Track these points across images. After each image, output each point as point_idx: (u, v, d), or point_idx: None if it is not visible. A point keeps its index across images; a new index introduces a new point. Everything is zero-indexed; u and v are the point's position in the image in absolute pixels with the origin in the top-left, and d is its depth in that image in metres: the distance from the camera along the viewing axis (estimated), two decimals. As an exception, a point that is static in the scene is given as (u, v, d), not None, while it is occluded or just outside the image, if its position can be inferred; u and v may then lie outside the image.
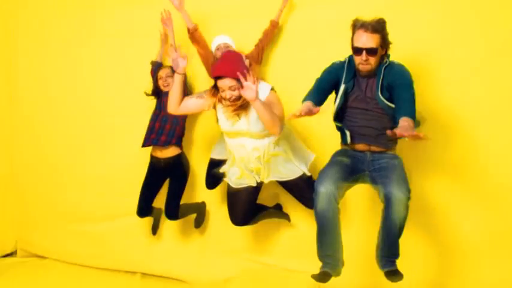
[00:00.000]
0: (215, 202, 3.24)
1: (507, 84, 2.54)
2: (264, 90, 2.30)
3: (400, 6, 2.69)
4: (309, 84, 2.29)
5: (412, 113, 1.92)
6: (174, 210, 2.90)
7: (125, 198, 3.31)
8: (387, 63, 2.14)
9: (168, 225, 3.42)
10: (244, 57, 2.68)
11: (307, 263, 2.80)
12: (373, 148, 2.25)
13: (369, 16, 2.07)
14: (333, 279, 2.16)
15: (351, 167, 2.20)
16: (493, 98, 2.57)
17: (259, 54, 2.83)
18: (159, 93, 2.92)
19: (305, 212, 2.87)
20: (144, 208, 2.97)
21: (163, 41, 3.11)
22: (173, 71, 2.41)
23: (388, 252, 2.08)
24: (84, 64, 3.66)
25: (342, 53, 2.27)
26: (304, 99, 2.15)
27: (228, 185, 2.55)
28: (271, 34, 2.87)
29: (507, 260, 2.61)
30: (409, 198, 1.97)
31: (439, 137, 2.65)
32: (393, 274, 2.05)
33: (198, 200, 3.23)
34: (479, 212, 2.63)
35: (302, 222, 3.03)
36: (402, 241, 2.69)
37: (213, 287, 3.18)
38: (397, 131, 1.75)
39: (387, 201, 1.98)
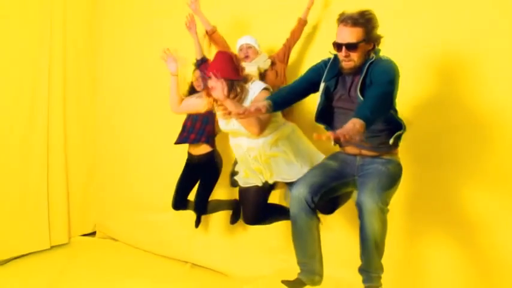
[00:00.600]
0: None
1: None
2: (255, 90, 2.30)
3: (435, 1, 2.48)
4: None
5: (364, 114, 1.66)
6: (201, 205, 3.06)
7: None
8: (373, 59, 1.94)
9: (216, 220, 3.59)
10: (260, 57, 2.76)
11: (342, 269, 2.78)
12: (364, 152, 2.07)
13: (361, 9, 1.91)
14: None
15: (337, 171, 2.07)
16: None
17: (286, 54, 2.83)
18: (193, 92, 3.05)
19: (344, 216, 2.79)
20: (178, 201, 3.15)
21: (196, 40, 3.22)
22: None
23: (366, 266, 1.94)
24: (155, 65, 4.00)
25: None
26: (269, 97, 2.06)
27: (239, 184, 2.60)
28: (299, 33, 2.85)
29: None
30: (382, 209, 1.79)
31: (479, 141, 2.38)
32: None
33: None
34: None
35: (341, 227, 2.94)
36: (436, 257, 2.52)
37: (246, 283, 3.25)
38: (338, 132, 1.56)
39: (359, 211, 1.84)
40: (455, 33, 2.43)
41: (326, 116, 2.11)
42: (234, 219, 3.21)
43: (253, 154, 2.38)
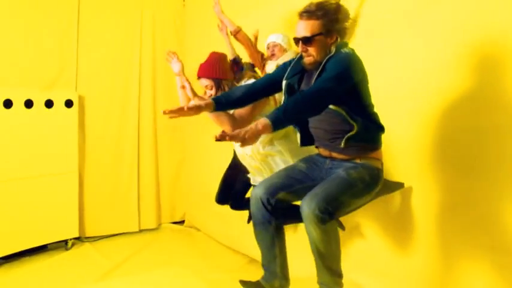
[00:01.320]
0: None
1: None
2: None
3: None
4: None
5: (276, 115, 1.57)
6: (236, 201, 3.06)
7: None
8: (332, 53, 1.78)
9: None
10: (287, 55, 2.67)
11: (376, 279, 2.57)
12: (334, 155, 1.92)
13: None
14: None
15: (305, 174, 1.95)
16: None
17: None
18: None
19: (381, 224, 2.52)
20: (221, 197, 3.20)
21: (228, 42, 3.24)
22: None
23: (318, 278, 1.82)
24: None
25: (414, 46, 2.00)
26: (218, 96, 2.00)
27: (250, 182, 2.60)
28: None
29: None
30: (319, 217, 1.62)
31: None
32: None
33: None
34: None
35: (376, 235, 2.63)
36: (466, 283, 2.04)
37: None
38: (228, 133, 1.50)
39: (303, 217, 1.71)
40: (500, 17, 1.92)
41: None
42: (250, 218, 3.15)
43: (249, 153, 2.39)
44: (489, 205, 1.97)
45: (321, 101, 1.68)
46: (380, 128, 1.92)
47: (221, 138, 1.47)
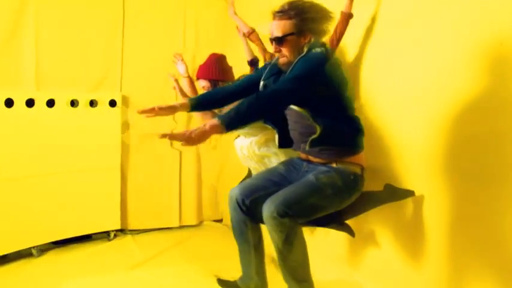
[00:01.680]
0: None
1: None
2: None
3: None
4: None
5: (227, 116, 1.57)
6: None
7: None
8: (303, 53, 1.75)
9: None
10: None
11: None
12: (310, 158, 1.89)
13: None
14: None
15: (282, 176, 1.93)
16: None
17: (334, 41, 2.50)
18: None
19: (392, 232, 2.41)
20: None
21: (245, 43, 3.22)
22: None
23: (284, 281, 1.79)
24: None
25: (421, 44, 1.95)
26: (194, 97, 2.02)
27: None
28: (341, 27, 2.43)
29: None
30: (278, 221, 1.61)
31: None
32: None
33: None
34: None
35: (387, 243, 2.50)
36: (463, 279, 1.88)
37: None
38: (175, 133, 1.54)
39: None
40: None
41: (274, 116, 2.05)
42: None
43: (245, 153, 2.42)
44: (504, 218, 1.77)
45: (277, 102, 1.65)
46: (357, 131, 1.85)
47: (163, 136, 1.49)
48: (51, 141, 3.70)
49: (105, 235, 4.13)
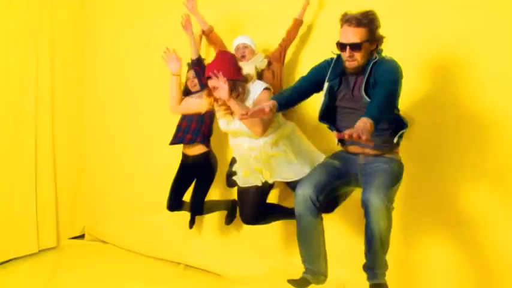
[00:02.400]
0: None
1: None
2: (256, 90, 2.30)
3: (434, 2, 2.51)
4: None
5: (373, 113, 1.71)
6: (198, 206, 3.03)
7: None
8: (376, 59, 1.96)
9: (208, 221, 3.55)
10: (257, 57, 2.75)
11: (335, 268, 2.77)
12: (367, 151, 2.08)
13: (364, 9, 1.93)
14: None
15: (340, 170, 2.09)
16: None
17: (282, 54, 2.82)
18: (188, 93, 3.01)
19: (335, 216, 2.79)
20: (174, 202, 3.12)
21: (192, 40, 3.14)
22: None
23: (371, 264, 1.94)
24: (142, 68, 3.99)
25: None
26: (273, 97, 2.05)
27: (237, 184, 2.58)
28: (294, 33, 2.85)
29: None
30: (388, 207, 1.80)
31: (477, 140, 2.40)
32: None
33: (234, 197, 3.29)
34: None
35: (332, 227, 2.93)
36: (434, 255, 2.53)
37: (242, 283, 3.23)
38: (347, 132, 1.59)
39: (365, 209, 1.84)
40: (455, 32, 2.44)
41: (329, 115, 2.13)
42: (229, 220, 3.19)
43: (254, 154, 2.37)
44: (447, 189, 2.48)
45: (394, 102, 1.90)
46: (406, 126, 2.09)
47: (341, 138, 1.60)
48: None
49: None
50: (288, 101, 2.05)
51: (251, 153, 2.37)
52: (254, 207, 2.56)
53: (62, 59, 4.17)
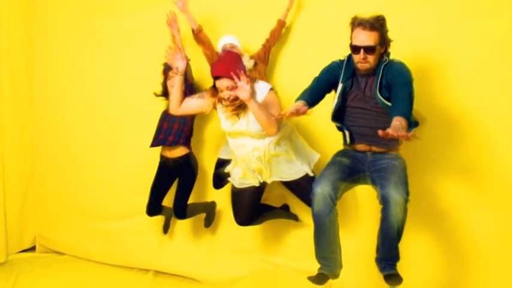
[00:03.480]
0: (226, 202, 3.20)
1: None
2: (262, 90, 2.30)
3: (410, 4, 2.66)
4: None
5: (405, 113, 1.85)
6: (181, 209, 2.93)
7: (138, 197, 3.34)
8: (387, 61, 2.08)
9: (180, 225, 3.45)
10: (244, 57, 2.71)
11: (316, 263, 2.88)
12: (374, 148, 2.19)
13: (374, 14, 2.02)
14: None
15: (350, 168, 2.16)
16: (507, 96, 2.47)
17: (266, 54, 2.84)
18: (167, 94, 2.90)
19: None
20: (154, 207, 3.01)
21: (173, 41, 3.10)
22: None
23: (387, 255, 2.04)
24: (98, 66, 3.77)
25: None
26: (297, 99, 2.11)
27: (232, 185, 2.56)
28: (278, 34, 2.88)
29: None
30: (407, 200, 1.91)
31: (451, 137, 2.59)
32: (393, 278, 2.01)
33: (209, 199, 3.24)
34: (493, 214, 2.53)
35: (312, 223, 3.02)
36: (410, 244, 2.69)
37: (222, 286, 3.19)
38: (389, 131, 1.68)
39: (385, 203, 1.94)
40: (431, 34, 2.61)
41: (340, 115, 2.21)
42: (208, 223, 3.13)
43: (258, 154, 2.37)
44: (421, 182, 2.61)
45: (413, 101, 2.00)
46: (417, 123, 2.26)
47: (389, 135, 1.66)
48: None
49: None
50: (313, 100, 2.11)
51: (255, 153, 2.37)
52: (250, 208, 2.56)
53: (8, 52, 3.81)
